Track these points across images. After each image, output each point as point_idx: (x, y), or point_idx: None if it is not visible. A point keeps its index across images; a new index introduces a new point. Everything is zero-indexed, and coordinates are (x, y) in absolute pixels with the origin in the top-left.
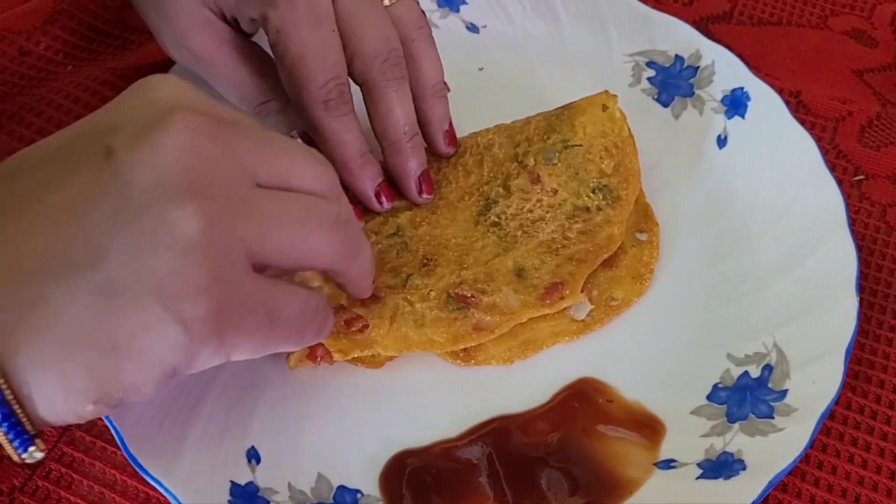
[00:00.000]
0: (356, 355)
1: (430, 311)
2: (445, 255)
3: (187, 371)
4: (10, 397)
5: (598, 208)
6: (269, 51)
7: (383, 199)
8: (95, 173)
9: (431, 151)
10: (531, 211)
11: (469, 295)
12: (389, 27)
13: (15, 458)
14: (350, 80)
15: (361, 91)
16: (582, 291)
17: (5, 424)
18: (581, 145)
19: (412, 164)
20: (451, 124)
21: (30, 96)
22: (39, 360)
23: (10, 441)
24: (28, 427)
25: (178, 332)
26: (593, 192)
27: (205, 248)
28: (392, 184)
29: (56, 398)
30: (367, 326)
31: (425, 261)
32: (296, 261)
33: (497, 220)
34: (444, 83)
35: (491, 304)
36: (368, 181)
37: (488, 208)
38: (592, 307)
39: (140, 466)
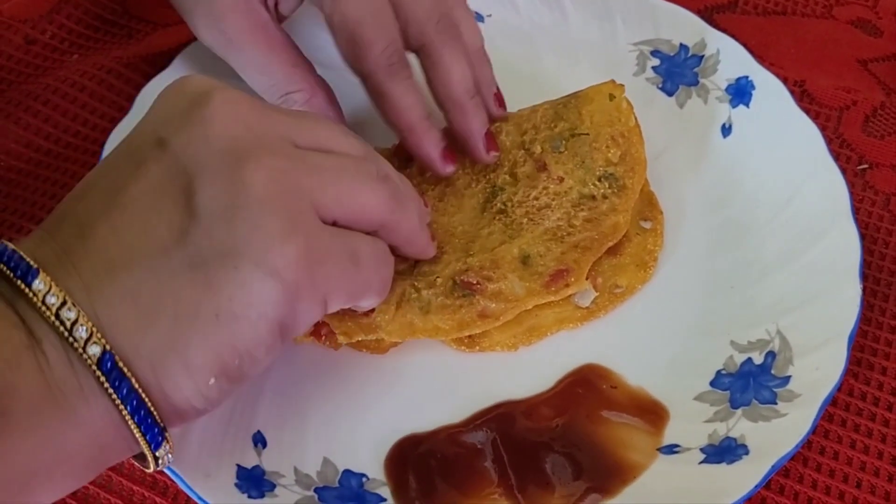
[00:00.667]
0: (360, 339)
1: (435, 297)
2: (452, 243)
3: (295, 329)
4: (137, 386)
5: (604, 196)
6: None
7: (448, 162)
8: (155, 162)
9: None
10: (537, 198)
11: (475, 282)
12: None
13: (149, 456)
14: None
15: (418, 56)
16: (587, 279)
17: (137, 416)
18: (588, 134)
19: (477, 123)
20: (498, 87)
21: (35, 85)
22: (156, 346)
23: (144, 434)
24: (157, 417)
25: (273, 284)
26: (599, 180)
27: (274, 199)
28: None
29: (179, 379)
30: (372, 310)
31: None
32: (352, 213)
33: (503, 207)
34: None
35: (496, 291)
36: (434, 145)
37: (494, 195)
38: (597, 294)
39: None
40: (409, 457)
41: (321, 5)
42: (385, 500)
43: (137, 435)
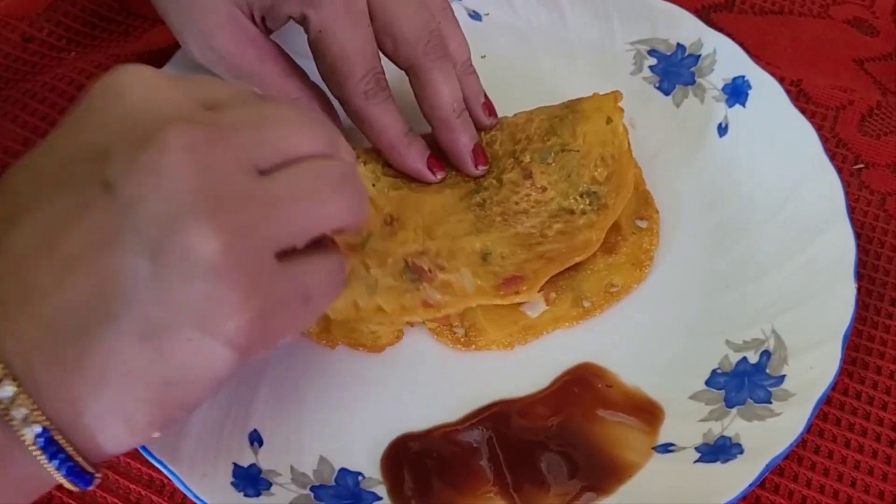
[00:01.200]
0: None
1: (383, 277)
2: (414, 220)
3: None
4: (73, 453)
5: (583, 212)
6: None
7: (436, 170)
8: (103, 211)
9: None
10: (517, 203)
11: (426, 269)
12: (426, 9)
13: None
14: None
15: (407, 75)
16: (540, 291)
17: (70, 475)
18: (578, 151)
19: (465, 140)
20: (486, 96)
21: (33, 82)
22: (100, 412)
23: (76, 483)
24: (90, 469)
25: (227, 352)
26: (581, 195)
27: (232, 267)
28: (440, 155)
29: (121, 437)
30: None
31: (389, 219)
32: (316, 231)
33: (482, 202)
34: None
35: (445, 283)
36: (418, 157)
37: (477, 192)
38: (546, 309)
39: (144, 449)
40: (405, 455)
41: (306, 28)
42: (381, 498)
43: (68, 485)
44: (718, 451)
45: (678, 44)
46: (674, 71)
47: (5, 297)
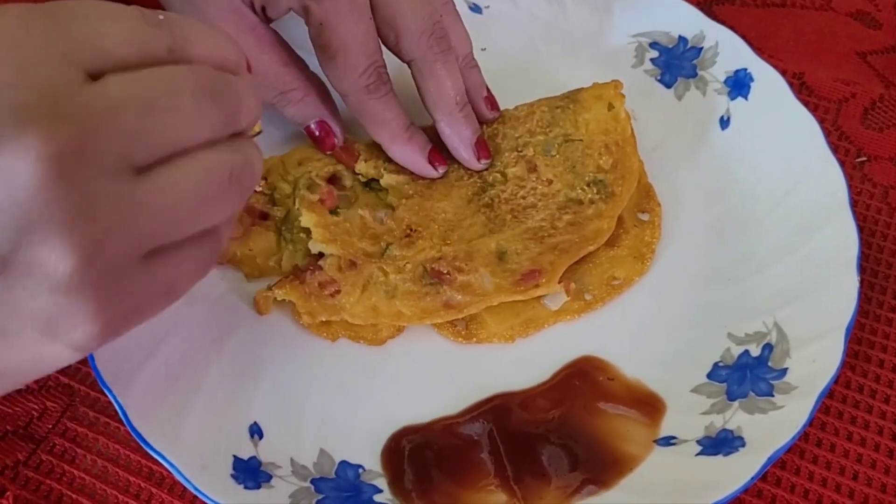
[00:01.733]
0: (323, 319)
1: (402, 283)
2: (430, 228)
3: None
4: None
5: (591, 202)
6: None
7: (437, 164)
8: None
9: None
10: (524, 197)
11: (445, 272)
12: (428, 2)
13: None
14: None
15: (410, 68)
16: (560, 282)
17: None
18: (581, 140)
19: (468, 133)
20: (488, 90)
21: None
22: None
23: None
24: None
25: (72, 353)
26: (588, 185)
27: (87, 281)
28: (442, 149)
29: None
30: (339, 292)
31: (408, 231)
32: (194, 231)
33: (490, 202)
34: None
35: (465, 284)
36: (419, 152)
37: (484, 190)
38: (567, 299)
39: (144, 441)
40: (406, 448)
41: (307, 21)
42: (381, 491)
43: None
44: (720, 444)
45: (680, 36)
46: (675, 63)
47: None
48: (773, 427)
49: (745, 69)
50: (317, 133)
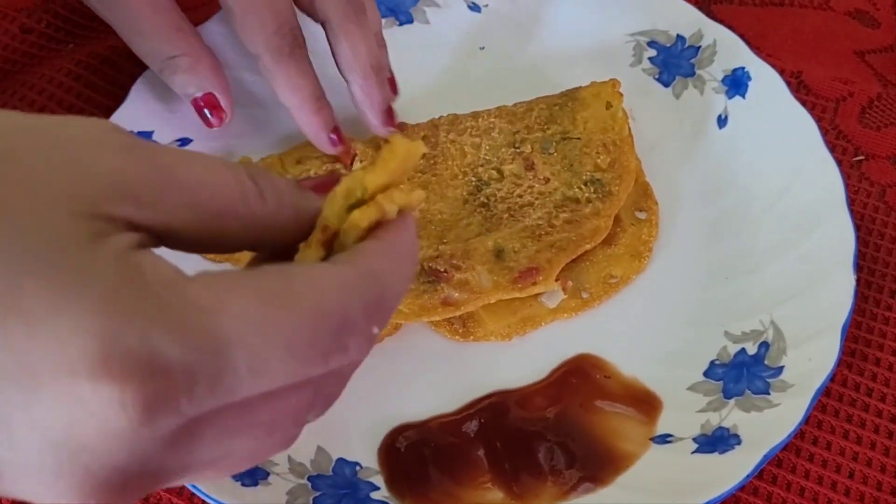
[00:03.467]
0: None
1: None
2: (427, 229)
3: None
4: None
5: (588, 200)
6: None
7: (337, 142)
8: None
9: None
10: (521, 196)
11: (442, 270)
12: None
13: None
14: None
15: (324, 30)
16: (556, 280)
17: None
18: (580, 138)
19: (379, 98)
20: (392, 73)
21: (31, 74)
22: None
23: None
24: None
25: None
26: (585, 184)
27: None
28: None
29: None
30: None
31: None
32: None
33: (486, 201)
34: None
35: (462, 282)
36: (322, 125)
37: (479, 189)
38: (565, 297)
39: None
40: (403, 445)
41: None
42: (378, 488)
43: None
44: (716, 441)
45: (678, 35)
46: (673, 62)
47: None
48: (769, 425)
49: (743, 68)
50: (203, 106)
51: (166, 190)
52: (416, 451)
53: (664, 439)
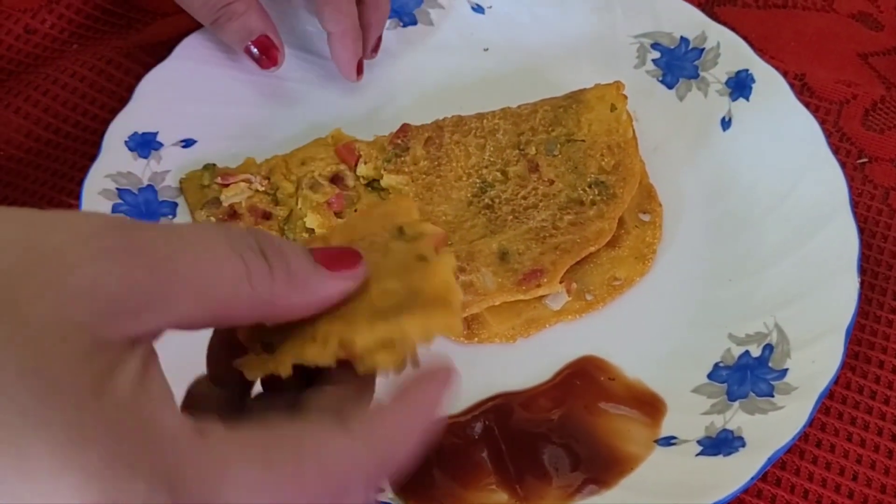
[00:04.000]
0: None
1: None
2: None
3: None
4: None
5: (592, 203)
6: None
7: (359, 74)
8: None
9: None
10: (525, 198)
11: None
12: None
13: None
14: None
15: None
16: (561, 282)
17: None
18: (584, 141)
19: (353, 52)
20: (380, 38)
21: (35, 75)
22: None
23: None
24: None
25: None
26: (589, 186)
27: None
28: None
29: None
30: None
31: None
32: None
33: (490, 202)
34: None
35: (467, 283)
36: (355, 54)
37: (484, 191)
38: (569, 299)
39: None
40: None
41: None
42: (382, 490)
43: None
44: (720, 444)
45: (682, 37)
46: (677, 64)
47: None
48: (773, 427)
49: (747, 70)
50: (257, 52)
51: (167, 292)
52: (420, 453)
53: (668, 441)
